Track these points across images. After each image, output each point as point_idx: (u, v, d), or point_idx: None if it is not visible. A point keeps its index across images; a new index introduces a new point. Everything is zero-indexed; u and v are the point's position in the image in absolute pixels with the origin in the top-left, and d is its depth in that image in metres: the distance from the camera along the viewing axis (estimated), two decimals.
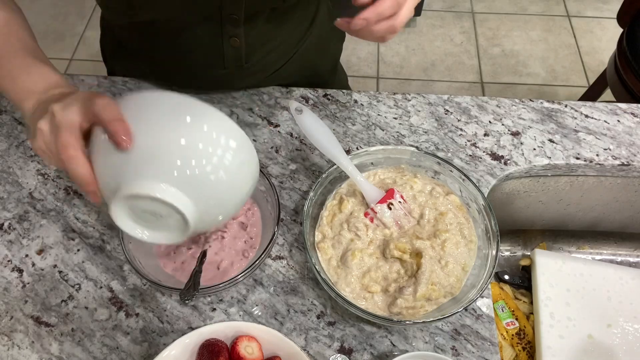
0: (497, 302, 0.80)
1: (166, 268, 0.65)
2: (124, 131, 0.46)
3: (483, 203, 0.65)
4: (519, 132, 0.80)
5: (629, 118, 0.82)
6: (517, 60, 2.20)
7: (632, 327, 0.75)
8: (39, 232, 0.70)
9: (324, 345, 0.61)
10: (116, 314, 0.63)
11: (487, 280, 0.60)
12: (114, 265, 0.67)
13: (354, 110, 0.82)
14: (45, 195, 0.73)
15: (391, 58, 2.20)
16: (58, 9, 2.35)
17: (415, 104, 0.83)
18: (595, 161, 0.77)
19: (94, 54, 2.19)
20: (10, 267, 0.67)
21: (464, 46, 2.25)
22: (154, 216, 0.50)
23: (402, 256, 0.63)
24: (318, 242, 0.65)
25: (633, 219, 0.88)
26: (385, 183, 0.69)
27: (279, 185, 0.74)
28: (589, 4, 2.41)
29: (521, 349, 0.76)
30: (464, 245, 0.64)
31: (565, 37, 2.28)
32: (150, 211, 0.49)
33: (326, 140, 0.65)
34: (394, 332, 0.62)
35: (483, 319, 0.63)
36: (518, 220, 0.89)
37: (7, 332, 0.62)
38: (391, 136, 0.79)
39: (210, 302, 0.64)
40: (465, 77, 2.14)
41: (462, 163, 0.76)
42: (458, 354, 0.61)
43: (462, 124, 0.81)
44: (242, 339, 0.54)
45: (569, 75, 2.15)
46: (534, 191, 0.83)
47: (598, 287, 0.79)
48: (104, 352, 0.61)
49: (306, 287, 0.65)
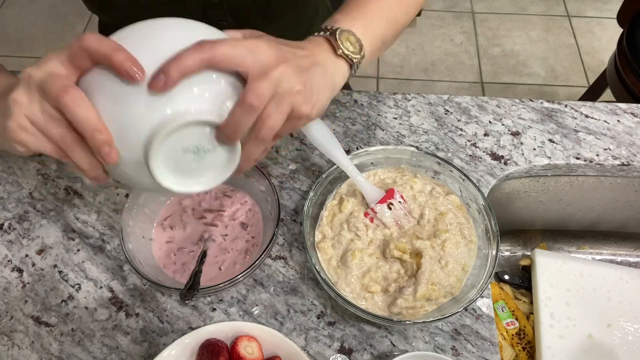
0: (497, 302, 0.80)
1: (166, 268, 0.65)
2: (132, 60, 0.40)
3: (483, 203, 0.65)
4: (519, 132, 0.80)
5: (629, 118, 0.82)
6: (517, 60, 2.20)
7: (632, 327, 0.75)
8: (39, 232, 0.70)
9: (324, 345, 0.61)
10: (116, 314, 0.63)
11: (487, 280, 0.60)
12: (114, 265, 0.67)
13: (354, 110, 0.82)
14: (45, 195, 0.73)
15: (391, 58, 2.20)
16: (58, 9, 2.35)
17: (415, 104, 0.83)
18: (595, 161, 0.77)
19: None
20: (10, 267, 0.67)
21: (464, 46, 2.25)
22: (196, 155, 0.45)
23: (402, 256, 0.63)
24: (318, 242, 0.65)
25: (633, 219, 0.88)
26: (385, 183, 0.70)
27: (279, 185, 0.74)
28: (589, 4, 2.41)
29: (521, 349, 0.76)
30: (464, 245, 0.64)
31: (565, 37, 2.28)
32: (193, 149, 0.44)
33: (326, 140, 0.65)
34: (394, 332, 0.62)
35: (483, 319, 0.63)
36: (518, 220, 0.89)
37: (7, 332, 0.62)
38: (391, 136, 0.79)
39: (210, 302, 0.64)
40: (465, 77, 2.14)
41: (462, 163, 0.76)
42: (458, 354, 0.61)
43: (462, 124, 0.81)
44: (242, 339, 0.54)
45: (569, 75, 2.15)
46: (534, 191, 0.83)
47: (598, 287, 0.79)
48: (104, 352, 0.61)
49: (306, 287, 0.65)
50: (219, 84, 0.44)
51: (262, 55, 0.43)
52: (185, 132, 0.42)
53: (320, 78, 0.49)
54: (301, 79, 0.46)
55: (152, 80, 0.40)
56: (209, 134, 0.44)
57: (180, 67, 0.40)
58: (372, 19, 0.56)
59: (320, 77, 0.49)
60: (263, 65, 0.43)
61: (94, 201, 0.72)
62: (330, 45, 0.52)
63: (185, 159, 0.44)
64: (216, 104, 0.43)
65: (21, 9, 2.26)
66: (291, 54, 0.47)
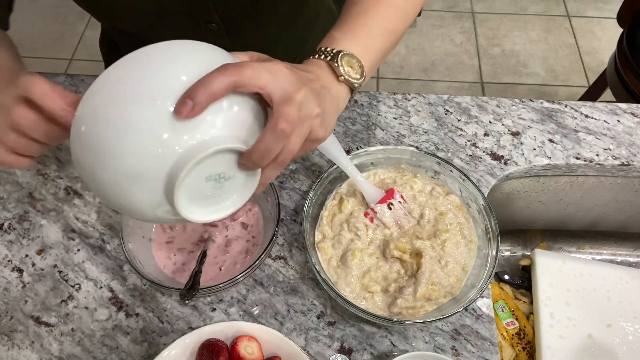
0: (497, 302, 0.80)
1: (166, 268, 0.65)
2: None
3: (483, 203, 0.65)
4: (519, 132, 0.80)
5: (629, 118, 0.82)
6: (517, 60, 2.20)
7: (632, 327, 0.75)
8: (39, 232, 0.70)
9: (324, 345, 0.61)
10: (116, 314, 0.63)
11: (487, 280, 0.60)
12: (114, 265, 0.67)
13: (354, 110, 0.82)
14: (45, 195, 0.73)
15: (391, 58, 2.20)
16: (58, 9, 2.35)
17: (415, 104, 0.83)
18: (595, 161, 0.77)
19: (94, 54, 2.19)
20: (10, 267, 0.67)
21: (464, 46, 2.25)
22: (217, 183, 0.43)
23: (402, 256, 0.63)
24: (318, 242, 0.65)
25: (633, 219, 0.88)
26: (385, 183, 0.70)
27: (279, 185, 0.74)
28: (589, 4, 2.41)
29: (521, 349, 0.76)
30: (464, 245, 0.64)
31: (565, 37, 2.28)
32: (215, 177, 0.42)
33: (326, 140, 0.65)
34: (394, 332, 0.62)
35: (483, 319, 0.63)
36: (518, 220, 0.89)
37: (7, 332, 0.62)
38: (391, 136, 0.79)
39: (210, 302, 0.64)
40: (465, 77, 2.14)
41: (462, 163, 0.76)
42: (458, 354, 0.61)
43: (462, 124, 0.81)
44: (242, 339, 0.54)
45: (569, 75, 2.15)
46: (534, 191, 0.83)
47: (598, 287, 0.79)
48: (104, 352, 0.61)
49: (306, 287, 0.65)
50: (242, 108, 0.42)
51: (284, 79, 0.42)
52: (210, 161, 0.40)
53: (330, 101, 0.49)
54: (318, 102, 0.45)
55: (179, 106, 0.37)
56: (232, 160, 0.42)
57: (208, 92, 0.38)
58: (370, 33, 0.55)
59: (329, 100, 0.48)
60: (286, 89, 0.42)
61: (94, 201, 0.72)
62: (331, 70, 0.51)
63: (207, 187, 0.42)
64: (241, 129, 0.42)
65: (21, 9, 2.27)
66: (305, 77, 0.46)
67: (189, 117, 0.38)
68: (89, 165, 0.41)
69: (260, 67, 0.41)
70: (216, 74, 0.39)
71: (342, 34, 0.54)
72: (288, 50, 0.82)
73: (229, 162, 0.42)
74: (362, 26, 0.55)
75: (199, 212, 0.43)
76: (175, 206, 0.40)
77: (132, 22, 0.69)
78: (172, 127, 0.38)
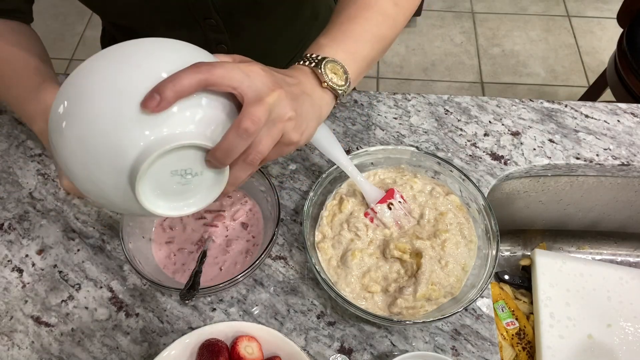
0: (497, 302, 0.80)
1: (166, 269, 0.65)
2: None
3: (483, 203, 0.65)
4: (519, 132, 0.80)
5: (629, 118, 0.82)
6: (517, 60, 2.20)
7: (632, 327, 0.75)
8: (39, 232, 0.70)
9: (324, 345, 0.61)
10: (116, 314, 0.63)
11: (487, 280, 0.60)
12: (114, 265, 0.67)
13: (354, 110, 0.82)
14: (45, 195, 0.73)
15: (391, 58, 2.20)
16: (58, 9, 2.35)
17: (415, 104, 0.83)
18: (595, 161, 0.77)
19: (93, 54, 2.19)
20: (10, 267, 0.67)
21: (464, 46, 2.25)
22: (183, 178, 0.44)
23: (402, 256, 0.63)
24: (318, 242, 0.65)
25: (633, 219, 0.88)
26: (385, 183, 0.70)
27: (279, 185, 0.74)
28: (589, 4, 2.41)
29: (521, 349, 0.76)
30: (464, 245, 0.64)
31: (565, 37, 2.28)
32: (181, 172, 0.43)
33: (326, 140, 0.65)
34: (394, 332, 0.62)
35: (483, 319, 0.63)
36: (518, 220, 0.89)
37: (7, 332, 0.62)
38: (391, 136, 0.79)
39: (210, 302, 0.64)
40: (465, 77, 2.15)
41: (462, 163, 0.76)
42: (458, 354, 0.61)
43: (462, 124, 0.81)
44: (242, 339, 0.54)
45: (569, 75, 2.15)
46: (534, 191, 0.83)
47: (598, 287, 0.79)
48: (104, 352, 0.61)
49: (306, 287, 0.65)
50: (212, 107, 0.43)
51: (258, 80, 0.43)
52: (175, 155, 0.41)
53: (309, 107, 0.49)
54: (293, 106, 0.46)
55: (146, 100, 0.39)
56: (199, 157, 0.43)
57: (176, 88, 0.39)
58: (358, 41, 0.55)
59: (308, 106, 0.49)
60: (258, 89, 0.43)
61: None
62: (315, 76, 0.51)
63: (172, 182, 0.43)
64: (209, 127, 0.43)
65: None
66: (282, 81, 0.46)
67: (155, 111, 0.39)
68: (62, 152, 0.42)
69: (234, 67, 0.42)
70: (187, 71, 0.40)
71: (328, 41, 0.54)
72: (288, 47, 0.82)
73: (196, 158, 0.43)
74: (350, 33, 0.55)
75: (163, 206, 0.44)
76: (137, 197, 0.41)
77: (131, 17, 0.69)
78: (138, 120, 0.39)
